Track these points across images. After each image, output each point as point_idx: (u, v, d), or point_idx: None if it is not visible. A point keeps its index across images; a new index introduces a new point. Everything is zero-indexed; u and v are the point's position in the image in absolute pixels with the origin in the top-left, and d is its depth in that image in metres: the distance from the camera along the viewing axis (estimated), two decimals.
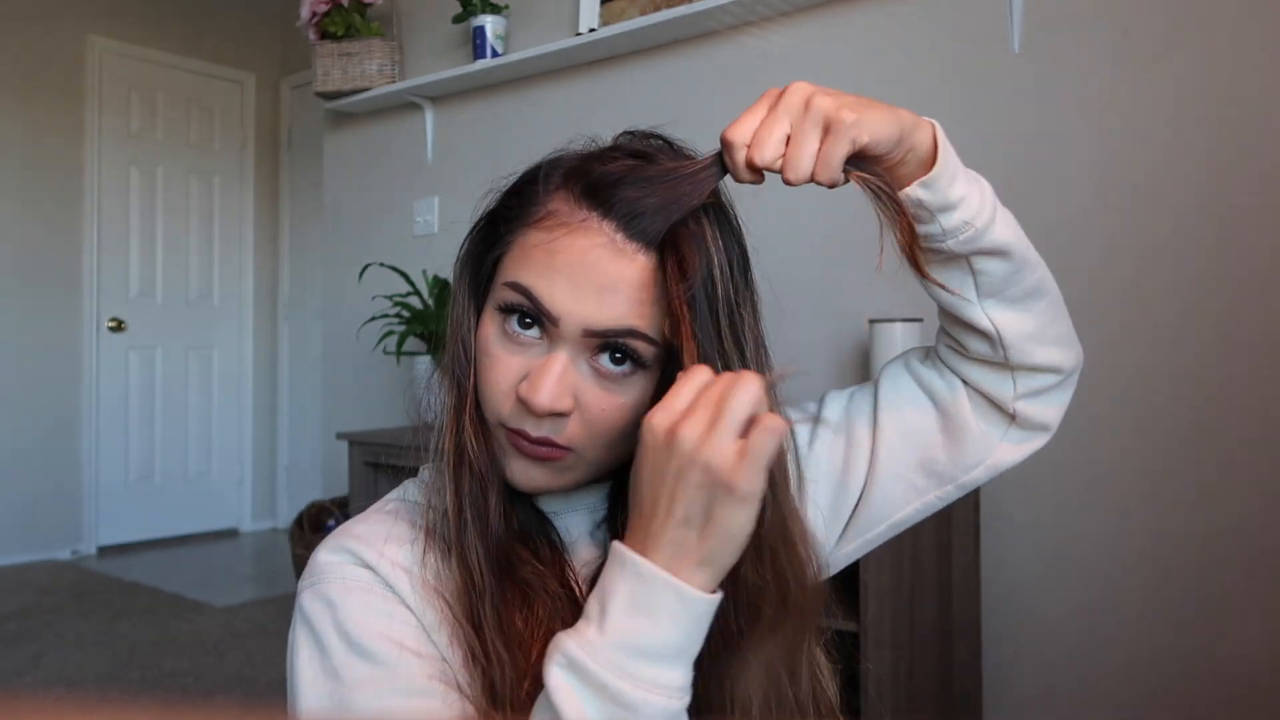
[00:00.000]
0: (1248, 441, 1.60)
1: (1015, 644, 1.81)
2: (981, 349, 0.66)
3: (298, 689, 0.58)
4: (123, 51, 4.34)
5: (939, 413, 0.69)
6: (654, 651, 0.48)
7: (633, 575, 0.49)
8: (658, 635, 0.48)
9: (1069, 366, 0.68)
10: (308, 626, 0.60)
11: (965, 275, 0.63)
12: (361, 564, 0.62)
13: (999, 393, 0.67)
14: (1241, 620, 1.60)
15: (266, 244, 4.84)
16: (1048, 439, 0.70)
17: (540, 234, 0.59)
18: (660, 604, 0.49)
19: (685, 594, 0.49)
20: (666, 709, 0.48)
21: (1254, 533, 1.59)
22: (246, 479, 4.76)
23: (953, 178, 0.59)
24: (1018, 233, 0.64)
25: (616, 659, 0.48)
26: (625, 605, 0.49)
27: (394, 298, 2.59)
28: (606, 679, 0.48)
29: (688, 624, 0.49)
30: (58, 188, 4.14)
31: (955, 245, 0.60)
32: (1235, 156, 1.62)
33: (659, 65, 2.38)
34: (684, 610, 0.49)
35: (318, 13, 2.77)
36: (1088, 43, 1.76)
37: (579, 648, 0.49)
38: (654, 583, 0.49)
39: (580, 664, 0.48)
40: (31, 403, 4.05)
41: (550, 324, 0.58)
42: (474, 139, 2.77)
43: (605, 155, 0.62)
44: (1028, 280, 0.64)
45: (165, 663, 2.73)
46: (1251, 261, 1.60)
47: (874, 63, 2.02)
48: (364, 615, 0.59)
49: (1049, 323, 0.67)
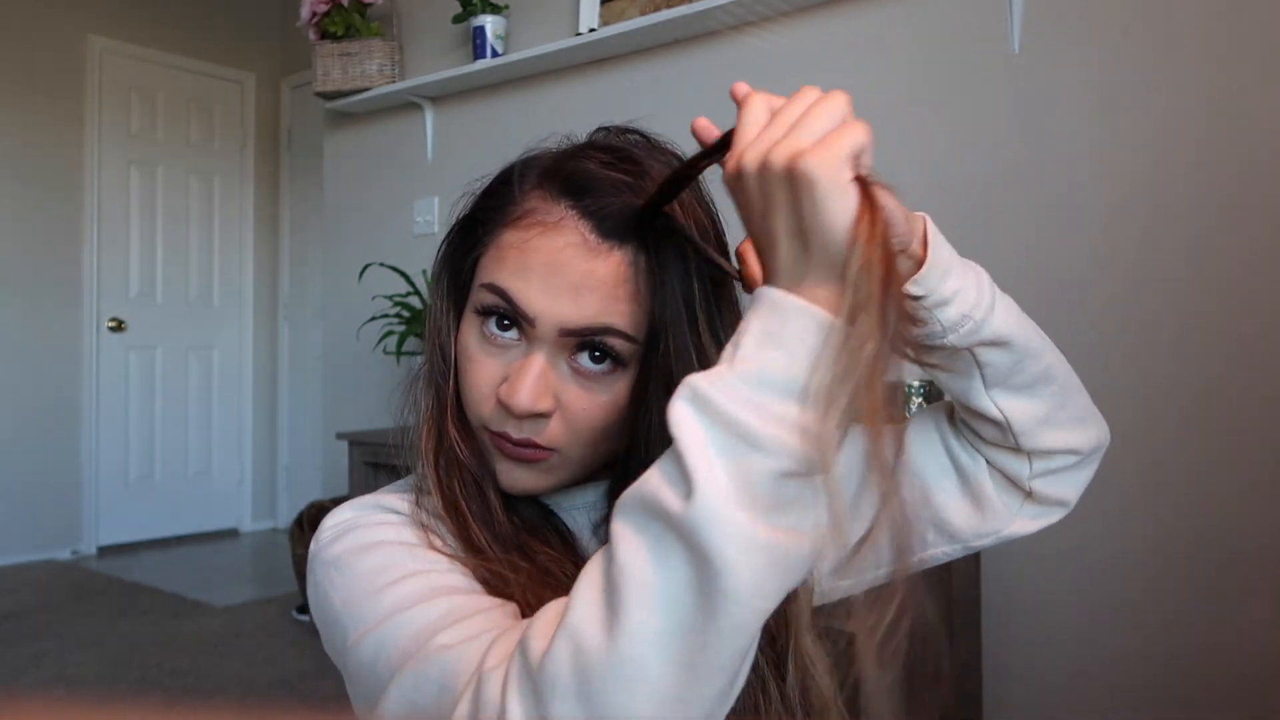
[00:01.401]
0: (1247, 439, 1.60)
1: (1015, 643, 1.81)
2: (993, 434, 0.66)
3: (336, 624, 0.55)
4: (123, 51, 4.34)
5: (961, 482, 0.69)
6: (787, 385, 0.43)
7: (766, 307, 0.45)
8: (791, 365, 0.43)
9: (1087, 447, 0.68)
10: (333, 566, 0.57)
11: (970, 367, 0.62)
12: (386, 509, 0.62)
13: (1015, 472, 0.67)
14: (1241, 619, 1.60)
15: (266, 244, 4.84)
16: (1065, 514, 0.70)
17: (516, 234, 0.59)
18: (792, 331, 0.44)
19: (818, 317, 0.44)
20: (795, 451, 0.42)
21: (1254, 531, 1.59)
22: (246, 479, 4.76)
23: (946, 272, 0.57)
24: (1020, 320, 0.62)
25: (745, 392, 0.43)
26: (758, 338, 0.44)
27: (394, 298, 2.59)
28: (733, 410, 0.42)
29: (823, 351, 0.44)
30: (58, 188, 4.14)
31: (955, 340, 0.59)
32: (1234, 156, 1.62)
33: (659, 65, 2.38)
34: (818, 334, 0.44)
35: (318, 13, 2.77)
36: (1088, 43, 1.76)
37: (706, 381, 0.44)
38: (786, 309, 0.44)
39: (704, 395, 0.43)
40: (32, 402, 4.05)
41: (527, 324, 0.58)
42: (474, 139, 2.77)
43: (580, 152, 0.62)
44: (1034, 367, 0.63)
45: (165, 663, 2.73)
46: (1251, 260, 1.61)
47: (874, 63, 2.02)
48: (395, 532, 0.59)
49: (1060, 406, 0.65)
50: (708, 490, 0.41)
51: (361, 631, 0.53)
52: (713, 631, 0.41)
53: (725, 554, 0.40)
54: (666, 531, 0.42)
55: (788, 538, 0.42)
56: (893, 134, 1.97)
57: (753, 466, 0.42)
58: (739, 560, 0.40)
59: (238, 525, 4.74)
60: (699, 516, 0.40)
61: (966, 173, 1.89)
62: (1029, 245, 1.81)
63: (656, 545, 0.42)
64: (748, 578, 0.40)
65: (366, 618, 0.54)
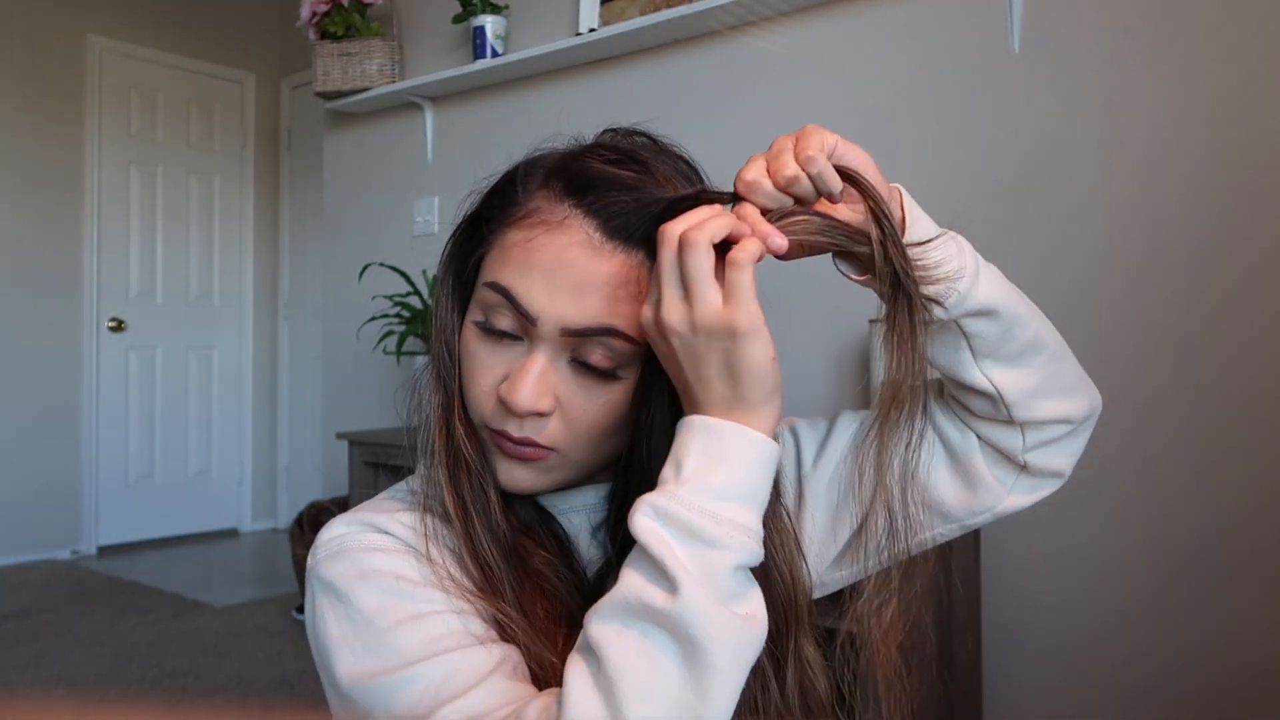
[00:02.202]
0: (1247, 437, 1.60)
1: (1015, 642, 1.81)
2: (984, 408, 0.65)
3: (331, 653, 0.56)
4: (123, 51, 4.34)
5: (951, 459, 0.68)
6: (731, 492, 0.51)
7: (702, 432, 0.52)
8: (733, 476, 0.51)
9: (1079, 415, 0.67)
10: (329, 592, 0.58)
11: (958, 339, 0.62)
12: (378, 530, 0.61)
13: (1008, 445, 0.67)
14: (1242, 618, 1.60)
15: (266, 244, 4.84)
16: (1060, 485, 0.69)
17: (520, 233, 0.59)
18: (730, 449, 0.51)
19: (752, 437, 0.51)
20: (747, 548, 0.50)
21: (1253, 529, 1.59)
22: (246, 479, 4.76)
23: (925, 248, 0.58)
24: (1006, 288, 0.62)
25: (697, 501, 0.50)
26: (699, 457, 0.51)
27: (394, 298, 2.59)
28: (690, 518, 0.49)
29: (758, 467, 0.52)
30: (58, 187, 4.14)
31: (940, 312, 0.59)
32: (1235, 156, 1.62)
33: (659, 65, 2.38)
34: (754, 451, 0.51)
35: (318, 13, 2.77)
36: (1088, 43, 1.76)
37: (662, 499, 0.50)
38: (722, 432, 0.51)
39: (664, 509, 0.50)
40: (32, 402, 4.05)
41: (529, 323, 0.58)
42: (474, 139, 2.77)
43: (587, 153, 0.62)
44: (1023, 336, 0.62)
45: (165, 663, 2.73)
46: (1251, 259, 1.61)
47: (874, 62, 2.02)
48: (389, 563, 0.58)
49: (1051, 375, 0.65)
50: (689, 585, 0.47)
51: (357, 674, 0.54)
52: (704, 703, 0.47)
53: (710, 634, 0.47)
54: (652, 626, 0.48)
55: (747, 620, 0.49)
56: (892, 134, 1.97)
57: (715, 563, 0.49)
58: (721, 637, 0.47)
59: (238, 525, 4.74)
60: (685, 609, 0.47)
61: (966, 172, 1.89)
62: (1028, 245, 1.81)
63: (643, 640, 0.48)
64: (729, 652, 0.47)
65: (365, 663, 0.54)
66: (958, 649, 1.73)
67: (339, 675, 0.55)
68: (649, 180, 0.59)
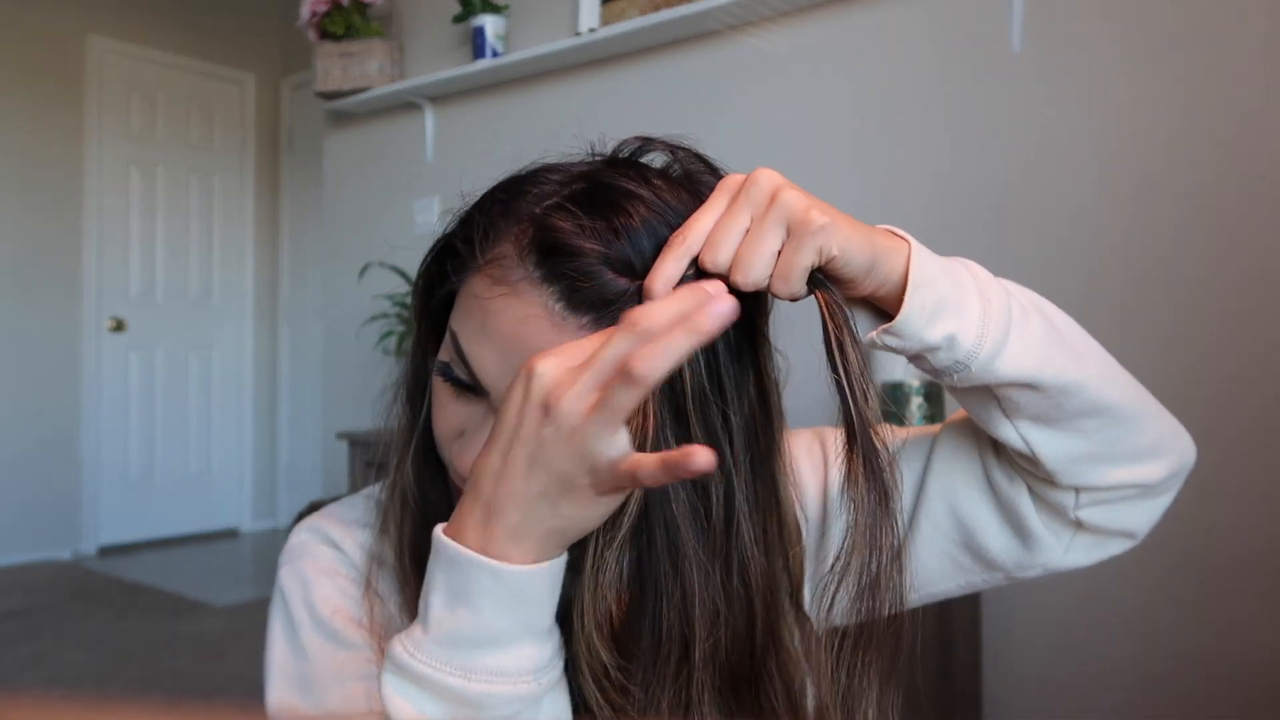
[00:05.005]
0: (1248, 437, 1.60)
1: (1015, 642, 1.81)
2: (1024, 463, 0.56)
3: (270, 665, 0.60)
4: (123, 51, 4.34)
5: (998, 503, 0.60)
6: (484, 640, 0.44)
7: (446, 563, 0.45)
8: (482, 623, 0.44)
9: (1155, 479, 0.56)
10: (282, 603, 0.62)
11: (989, 399, 0.53)
12: (333, 545, 0.63)
13: (1057, 501, 0.57)
14: (1242, 617, 1.60)
15: (266, 244, 4.84)
16: (1131, 545, 0.59)
17: (481, 284, 0.53)
18: (475, 588, 0.44)
19: (501, 573, 0.43)
20: (515, 696, 0.44)
21: (1253, 529, 1.59)
22: (246, 479, 4.76)
23: (931, 318, 0.49)
24: (1046, 355, 0.51)
25: (445, 654, 0.44)
26: (444, 597, 0.45)
27: (394, 298, 2.59)
28: (439, 678, 0.44)
29: (511, 604, 0.44)
30: (58, 187, 4.14)
31: (954, 382, 0.52)
32: (1235, 156, 1.62)
33: (659, 65, 2.38)
34: (503, 590, 0.44)
35: (318, 13, 2.77)
36: (1088, 43, 1.76)
37: (404, 650, 0.45)
38: (466, 567, 0.44)
39: (407, 666, 0.44)
40: (32, 402, 4.05)
41: (482, 393, 0.54)
42: (474, 139, 2.77)
43: (567, 196, 0.53)
44: (1072, 404, 0.52)
45: (165, 663, 2.73)
46: (1251, 260, 1.61)
47: (874, 63, 2.02)
48: (331, 594, 0.61)
49: (1114, 441, 0.54)
50: None
51: (285, 705, 0.58)
52: None
53: None
54: None
55: None
56: (892, 134, 1.97)
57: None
58: None
59: (238, 525, 4.74)
60: None
61: (967, 173, 1.89)
62: (1029, 245, 1.81)
63: None
64: None
65: (292, 700, 0.58)
66: (958, 649, 1.73)
67: (270, 698, 0.59)
68: (635, 231, 0.50)
